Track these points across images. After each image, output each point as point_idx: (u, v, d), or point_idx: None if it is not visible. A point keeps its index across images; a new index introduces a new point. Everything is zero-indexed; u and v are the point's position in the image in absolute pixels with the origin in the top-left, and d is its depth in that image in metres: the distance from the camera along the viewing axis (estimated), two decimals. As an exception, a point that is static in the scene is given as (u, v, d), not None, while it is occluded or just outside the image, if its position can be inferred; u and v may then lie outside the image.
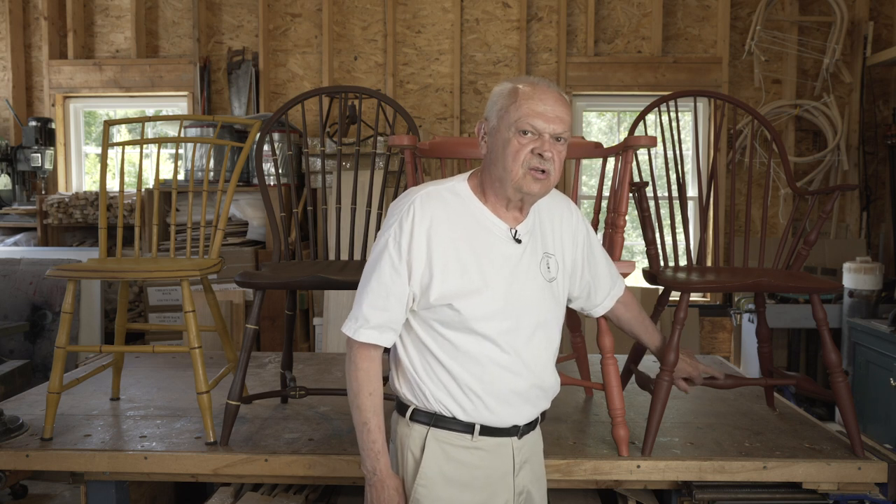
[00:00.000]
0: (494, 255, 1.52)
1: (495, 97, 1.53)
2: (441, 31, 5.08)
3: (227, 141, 2.74)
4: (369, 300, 1.50)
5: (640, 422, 2.29)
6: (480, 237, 1.52)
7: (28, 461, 2.09)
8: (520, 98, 1.48)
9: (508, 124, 1.48)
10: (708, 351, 5.02)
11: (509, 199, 1.53)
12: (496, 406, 1.52)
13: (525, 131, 1.47)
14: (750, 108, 2.45)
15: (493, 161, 1.52)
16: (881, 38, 4.89)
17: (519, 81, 1.52)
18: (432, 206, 1.51)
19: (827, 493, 2.02)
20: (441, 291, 1.48)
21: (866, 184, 4.89)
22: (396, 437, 1.59)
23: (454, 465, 1.52)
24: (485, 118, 1.56)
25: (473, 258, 1.50)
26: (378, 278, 1.50)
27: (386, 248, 1.50)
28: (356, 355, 1.52)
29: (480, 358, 1.51)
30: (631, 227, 6.02)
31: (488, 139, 1.54)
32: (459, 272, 1.49)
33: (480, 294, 1.49)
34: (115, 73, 5.18)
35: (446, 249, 1.49)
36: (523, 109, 1.47)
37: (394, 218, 1.52)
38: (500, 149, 1.49)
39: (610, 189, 2.17)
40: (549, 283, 1.59)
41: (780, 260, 2.39)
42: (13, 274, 4.36)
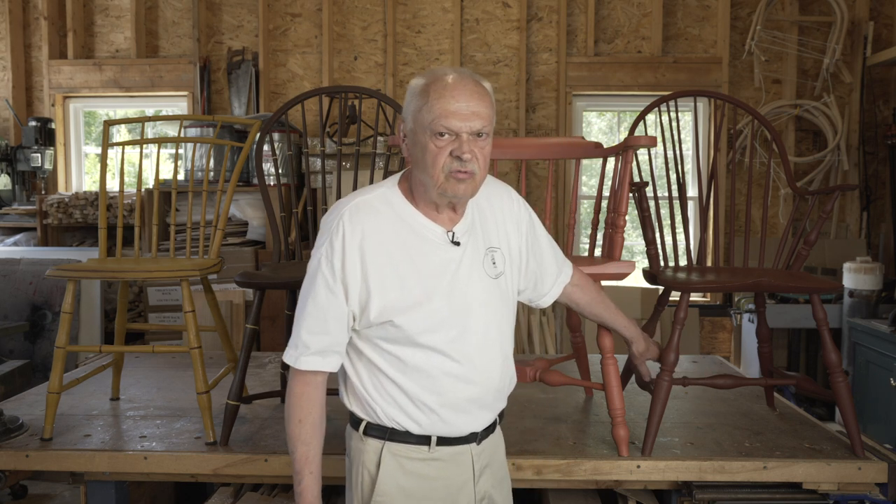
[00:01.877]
0: (433, 262, 1.44)
1: (409, 96, 1.43)
2: (441, 31, 5.08)
3: (227, 141, 2.74)
4: (307, 325, 1.43)
5: (640, 422, 2.29)
6: (416, 246, 1.44)
7: (28, 461, 2.09)
8: (431, 97, 1.37)
9: (423, 127, 1.38)
10: (708, 351, 5.02)
11: (437, 203, 1.45)
12: (452, 417, 1.47)
13: (441, 133, 1.37)
14: (750, 108, 2.45)
15: (415, 166, 1.44)
16: (881, 38, 4.89)
17: (431, 76, 1.41)
18: (362, 219, 1.42)
19: (827, 494, 2.02)
20: (380, 308, 1.40)
21: (866, 184, 4.89)
22: (351, 451, 1.53)
23: (412, 479, 1.47)
24: (403, 119, 1.46)
25: (411, 269, 1.42)
26: (314, 301, 1.43)
27: (319, 268, 1.42)
28: (293, 381, 1.46)
29: (431, 371, 1.44)
30: (631, 227, 6.02)
31: (408, 142, 1.45)
32: (397, 286, 1.41)
33: (422, 306, 1.41)
34: (115, 73, 5.18)
35: (381, 263, 1.41)
36: (436, 110, 1.36)
37: (324, 236, 1.44)
38: (419, 153, 1.41)
39: (610, 189, 2.17)
40: (495, 280, 1.52)
41: (780, 260, 2.39)
42: (13, 274, 4.36)
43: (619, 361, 2.18)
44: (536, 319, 4.46)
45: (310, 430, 1.44)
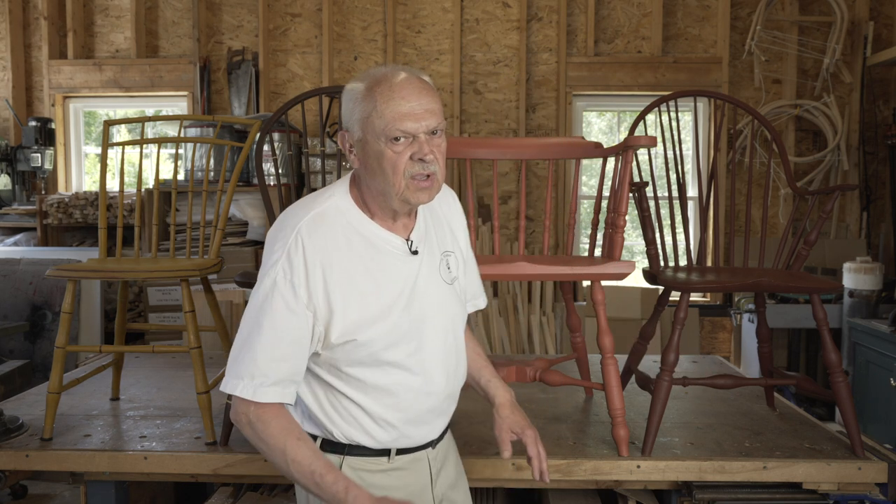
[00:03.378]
0: (392, 275, 1.37)
1: (350, 103, 1.34)
2: (441, 31, 5.08)
3: (227, 141, 2.74)
4: (265, 351, 1.29)
5: (640, 422, 2.29)
6: (375, 259, 1.37)
7: (28, 461, 2.09)
8: (378, 101, 1.29)
9: (376, 134, 1.30)
10: (708, 351, 5.02)
11: (397, 212, 1.38)
12: (413, 431, 1.43)
13: (397, 138, 1.29)
14: (750, 108, 2.45)
15: (370, 175, 1.34)
16: (881, 38, 4.89)
17: (371, 78, 1.32)
18: (322, 234, 1.33)
19: (827, 494, 2.02)
20: (343, 328, 1.32)
21: (866, 184, 4.89)
22: None
23: (374, 491, 1.38)
24: (346, 128, 1.36)
25: (372, 285, 1.35)
26: (272, 324, 1.29)
27: (275, 287, 1.30)
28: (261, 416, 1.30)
29: (393, 388, 1.38)
30: (631, 227, 6.02)
31: (357, 152, 1.35)
32: (360, 303, 1.33)
33: (384, 321, 1.35)
34: (115, 73, 5.18)
35: (342, 280, 1.32)
36: (387, 115, 1.28)
37: (279, 252, 1.31)
38: (374, 163, 1.32)
39: (610, 189, 2.17)
40: (450, 286, 1.47)
41: (780, 260, 2.39)
42: (13, 274, 4.36)
43: (620, 361, 2.18)
44: (536, 319, 4.46)
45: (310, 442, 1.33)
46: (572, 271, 1.97)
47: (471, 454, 2.04)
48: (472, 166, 4.93)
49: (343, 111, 1.37)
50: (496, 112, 5.08)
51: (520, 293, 4.52)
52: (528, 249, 5.01)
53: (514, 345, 4.43)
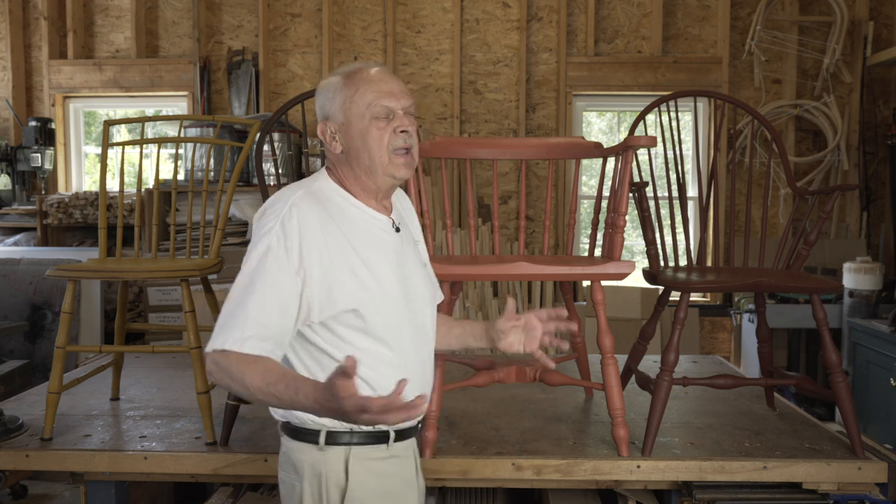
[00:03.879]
0: (383, 249, 1.45)
1: (329, 93, 1.45)
2: (441, 31, 5.08)
3: (227, 141, 2.74)
4: (256, 310, 1.31)
5: (640, 422, 2.29)
6: (367, 233, 1.44)
7: (28, 461, 2.09)
8: (360, 85, 1.42)
9: (360, 114, 1.42)
10: (708, 351, 5.02)
11: (378, 189, 1.47)
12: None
13: (380, 115, 1.42)
14: (750, 108, 2.45)
15: (355, 155, 1.44)
16: (881, 37, 4.89)
17: (346, 71, 1.45)
18: (313, 206, 1.39)
19: (827, 494, 2.02)
20: (344, 295, 1.37)
21: (866, 184, 4.89)
22: (301, 466, 1.43)
23: (378, 480, 1.43)
24: (325, 118, 1.46)
25: (367, 255, 1.42)
26: (264, 284, 1.32)
27: (269, 252, 1.34)
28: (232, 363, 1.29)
29: (391, 359, 1.43)
30: (631, 227, 6.02)
31: (340, 137, 1.45)
32: (357, 273, 1.39)
33: (382, 293, 1.41)
34: (115, 73, 5.18)
35: (338, 250, 1.38)
36: (370, 95, 1.41)
37: (273, 221, 1.36)
38: (359, 142, 1.42)
39: (610, 189, 2.17)
40: (425, 269, 1.58)
41: (780, 260, 2.39)
42: (13, 274, 4.36)
43: (620, 361, 2.18)
44: (536, 319, 4.45)
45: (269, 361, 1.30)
46: (572, 271, 1.97)
47: (471, 454, 2.04)
48: (472, 166, 4.93)
49: (321, 104, 1.46)
50: (496, 112, 5.08)
51: (520, 293, 4.52)
52: (528, 249, 5.01)
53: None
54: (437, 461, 2.01)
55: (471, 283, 4.52)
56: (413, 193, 2.02)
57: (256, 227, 1.40)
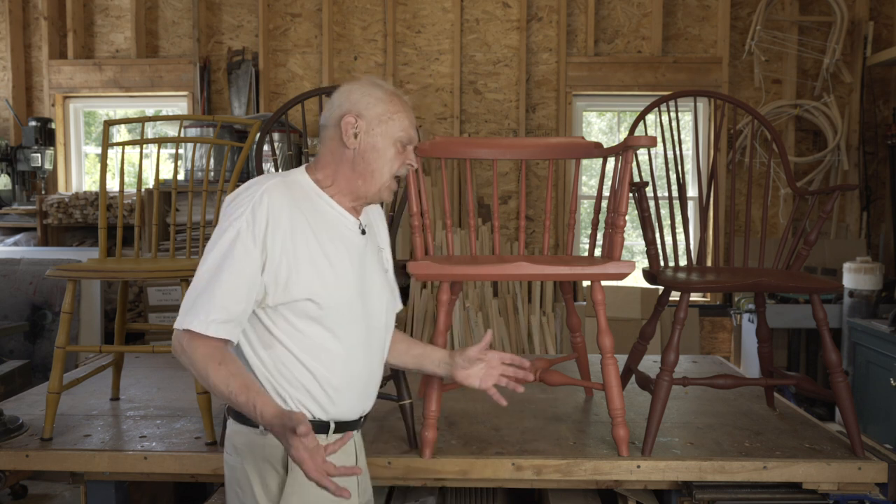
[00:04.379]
0: (347, 246, 1.51)
1: (370, 99, 1.51)
2: (441, 31, 5.08)
3: (227, 141, 2.74)
4: (224, 293, 1.37)
5: (640, 422, 2.29)
6: (333, 229, 1.50)
7: (28, 461, 2.09)
8: (399, 109, 1.53)
9: (390, 134, 1.51)
10: (708, 351, 5.02)
11: (361, 199, 1.55)
12: (351, 400, 1.51)
13: (405, 144, 1.54)
14: (750, 108, 2.45)
15: (365, 162, 1.51)
16: (881, 37, 4.89)
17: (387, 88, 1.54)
18: (284, 195, 1.45)
19: (827, 494, 2.02)
20: (303, 284, 1.42)
21: (866, 184, 4.89)
22: (243, 450, 1.47)
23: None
24: (357, 115, 1.51)
25: (330, 249, 1.47)
26: (232, 269, 1.38)
27: (238, 236, 1.39)
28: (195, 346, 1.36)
29: (338, 351, 1.47)
30: (631, 227, 6.03)
31: (363, 138, 1.51)
32: (318, 264, 1.45)
33: (339, 287, 1.47)
34: (115, 73, 5.18)
35: (302, 240, 1.44)
36: (404, 122, 1.52)
37: (244, 206, 1.42)
38: (374, 155, 1.51)
39: (610, 189, 2.17)
40: (385, 275, 1.65)
41: (780, 260, 2.39)
42: (13, 274, 4.36)
43: (619, 361, 2.18)
44: (536, 319, 4.46)
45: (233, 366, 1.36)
46: (572, 271, 1.97)
47: (471, 454, 2.04)
48: (472, 166, 4.93)
49: (355, 100, 1.51)
50: (496, 112, 5.08)
51: (520, 293, 4.52)
52: (528, 249, 5.01)
53: (514, 345, 4.43)
54: (437, 461, 2.01)
55: (471, 283, 4.52)
56: (413, 193, 2.02)
57: (228, 210, 1.44)
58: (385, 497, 2.34)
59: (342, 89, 1.54)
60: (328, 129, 1.54)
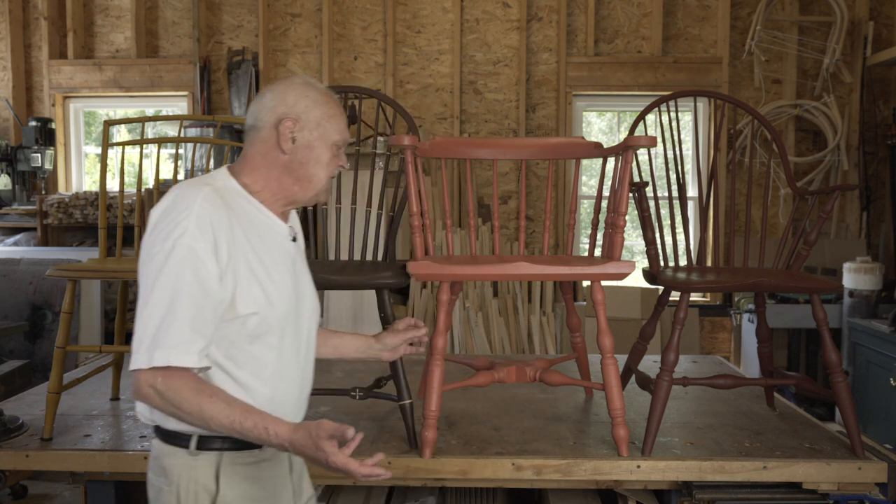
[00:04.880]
0: (282, 255, 1.47)
1: (307, 101, 1.45)
2: (441, 31, 5.08)
3: (227, 141, 2.74)
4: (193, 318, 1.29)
5: (640, 422, 2.29)
6: (267, 237, 1.45)
7: (28, 461, 2.09)
8: (335, 111, 1.49)
9: (325, 138, 1.47)
10: (708, 351, 5.02)
11: (295, 202, 1.51)
12: (285, 413, 1.43)
13: (339, 147, 1.50)
14: (750, 108, 2.45)
15: (301, 165, 1.46)
16: (881, 38, 4.89)
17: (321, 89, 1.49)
18: (220, 205, 1.37)
19: (827, 493, 2.02)
20: (248, 298, 1.37)
21: (866, 184, 4.89)
22: (171, 471, 1.39)
23: (249, 484, 1.43)
24: (294, 118, 1.44)
25: (267, 259, 1.42)
26: (194, 290, 1.29)
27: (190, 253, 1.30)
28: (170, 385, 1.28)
29: (275, 365, 1.43)
30: (631, 227, 6.02)
31: (300, 139, 1.45)
32: (259, 276, 1.39)
33: (279, 298, 1.42)
34: (115, 73, 5.18)
35: (242, 252, 1.38)
36: (338, 126, 1.49)
37: (184, 221, 1.32)
38: (311, 158, 1.46)
39: (610, 189, 2.17)
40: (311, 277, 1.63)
41: (780, 260, 2.39)
42: (13, 274, 4.36)
43: (619, 361, 2.18)
44: (536, 319, 4.46)
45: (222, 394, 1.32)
46: (572, 271, 1.97)
47: (470, 454, 2.04)
48: (472, 166, 4.93)
49: (292, 102, 1.45)
50: (496, 112, 5.08)
51: (520, 293, 4.52)
52: (528, 249, 5.01)
53: (514, 345, 4.43)
54: (437, 461, 2.01)
55: (471, 283, 4.52)
56: (413, 193, 2.02)
57: (163, 227, 1.33)
58: (385, 497, 2.34)
59: (275, 89, 1.47)
60: (260, 132, 1.45)
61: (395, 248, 2.41)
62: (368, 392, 2.20)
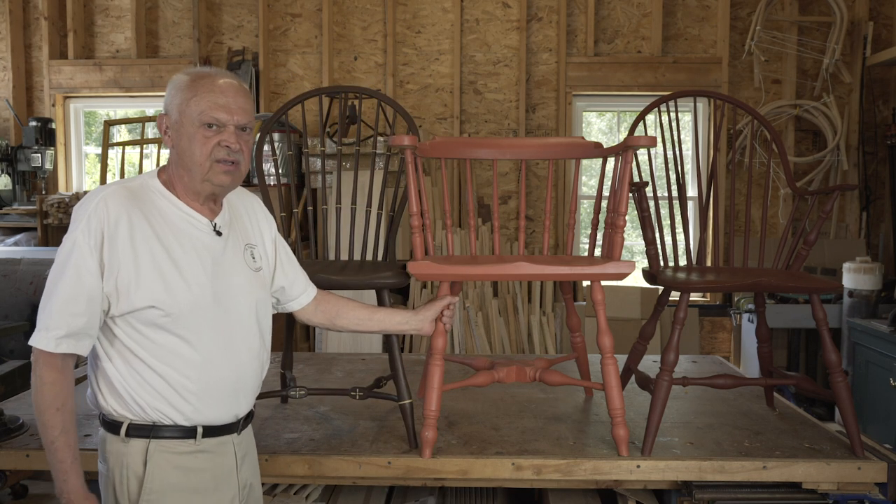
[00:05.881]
0: (197, 249, 1.49)
1: (173, 90, 1.50)
2: (441, 31, 5.08)
3: (227, 141, 2.73)
4: (62, 306, 1.39)
5: (640, 422, 2.29)
6: (181, 232, 1.49)
7: (28, 461, 2.09)
8: (199, 91, 1.47)
9: (191, 118, 1.47)
10: (708, 351, 5.02)
11: (199, 192, 1.52)
12: (216, 404, 1.50)
13: (210, 125, 1.47)
14: (750, 108, 2.45)
15: (180, 156, 1.50)
16: (881, 38, 4.89)
17: (195, 73, 1.50)
18: (124, 203, 1.44)
19: (827, 493, 2.02)
20: (144, 292, 1.42)
21: (866, 184, 4.89)
22: (108, 457, 1.48)
23: (181, 473, 1.47)
24: (164, 112, 1.52)
25: (177, 253, 1.46)
26: (69, 281, 1.40)
27: (75, 247, 1.40)
28: (42, 368, 1.41)
29: (193, 357, 1.47)
30: (631, 227, 6.03)
31: (172, 134, 1.50)
32: (162, 270, 1.44)
33: (186, 291, 1.45)
34: (116, 73, 5.18)
35: (145, 247, 1.43)
36: (204, 103, 1.46)
37: (81, 218, 1.42)
38: (185, 143, 1.48)
39: (610, 189, 2.17)
40: (255, 273, 1.61)
41: (779, 260, 2.39)
42: (13, 274, 4.36)
43: (619, 361, 2.18)
44: (536, 319, 4.46)
45: (69, 416, 1.42)
46: (572, 271, 1.97)
47: (470, 454, 2.04)
48: (472, 166, 4.93)
49: (166, 97, 1.51)
50: (496, 112, 5.08)
51: (520, 293, 4.52)
52: (528, 249, 5.02)
53: (514, 345, 4.44)
54: (437, 461, 2.01)
55: (471, 283, 4.52)
56: (413, 193, 2.02)
57: (73, 218, 1.45)
58: (385, 497, 2.34)
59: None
60: None
61: (395, 248, 2.42)
62: (368, 392, 2.20)
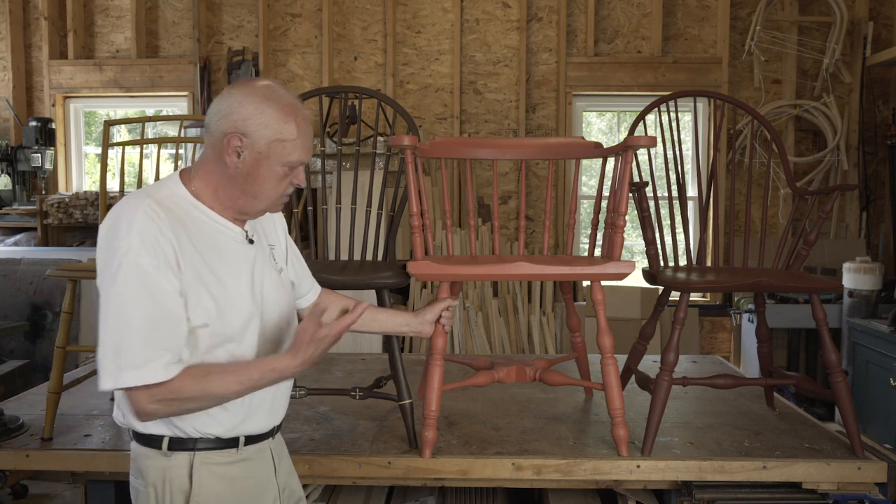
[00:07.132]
0: (237, 260, 1.45)
1: (265, 119, 1.38)
2: (441, 31, 5.08)
3: (227, 141, 2.73)
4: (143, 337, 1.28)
5: (640, 422, 2.29)
6: (219, 245, 1.43)
7: (28, 461, 2.09)
8: (291, 136, 1.40)
9: (280, 157, 1.40)
10: (708, 351, 5.02)
11: (243, 214, 1.47)
12: (260, 416, 1.48)
13: (293, 167, 1.44)
14: (750, 108, 2.45)
15: (246, 181, 1.41)
16: (881, 38, 4.89)
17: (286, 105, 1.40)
18: (168, 216, 1.34)
19: (827, 493, 2.02)
20: (197, 311, 1.36)
21: (866, 184, 4.89)
22: (148, 472, 1.41)
23: (226, 484, 1.44)
24: (242, 134, 1.37)
25: (220, 267, 1.41)
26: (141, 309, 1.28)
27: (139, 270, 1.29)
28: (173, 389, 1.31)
29: None
30: (631, 227, 6.03)
31: (247, 159, 1.39)
32: (210, 285, 1.38)
33: (233, 304, 1.41)
34: (116, 73, 5.18)
35: (190, 263, 1.36)
36: (298, 147, 1.41)
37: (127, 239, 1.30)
38: (263, 175, 1.41)
39: (610, 189, 2.17)
40: (280, 275, 1.58)
41: (779, 260, 2.39)
42: (13, 274, 4.36)
43: (619, 361, 2.18)
44: (536, 319, 4.46)
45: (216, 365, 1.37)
46: (572, 271, 1.97)
47: (470, 454, 2.04)
48: (472, 166, 4.93)
49: (245, 116, 1.38)
50: (496, 112, 5.08)
51: (520, 293, 4.52)
52: (528, 249, 5.02)
53: (514, 345, 4.44)
54: (437, 461, 2.01)
55: (471, 283, 4.52)
56: (413, 193, 2.02)
57: (109, 247, 1.31)
58: (385, 497, 2.34)
59: (233, 95, 1.40)
60: (212, 136, 1.41)
61: (395, 248, 2.42)
62: (368, 392, 2.20)
